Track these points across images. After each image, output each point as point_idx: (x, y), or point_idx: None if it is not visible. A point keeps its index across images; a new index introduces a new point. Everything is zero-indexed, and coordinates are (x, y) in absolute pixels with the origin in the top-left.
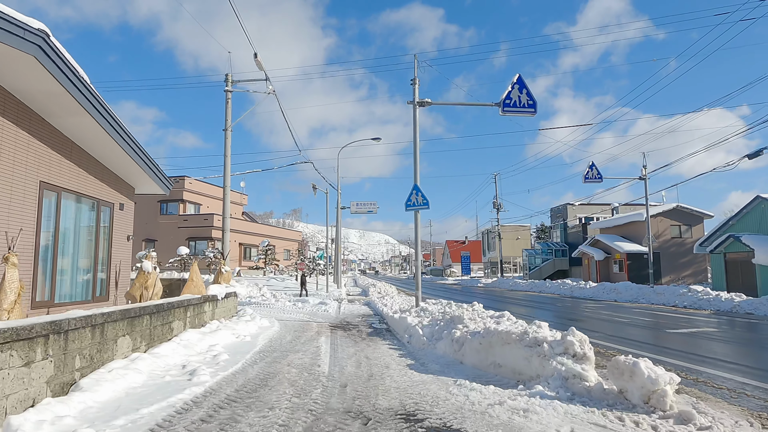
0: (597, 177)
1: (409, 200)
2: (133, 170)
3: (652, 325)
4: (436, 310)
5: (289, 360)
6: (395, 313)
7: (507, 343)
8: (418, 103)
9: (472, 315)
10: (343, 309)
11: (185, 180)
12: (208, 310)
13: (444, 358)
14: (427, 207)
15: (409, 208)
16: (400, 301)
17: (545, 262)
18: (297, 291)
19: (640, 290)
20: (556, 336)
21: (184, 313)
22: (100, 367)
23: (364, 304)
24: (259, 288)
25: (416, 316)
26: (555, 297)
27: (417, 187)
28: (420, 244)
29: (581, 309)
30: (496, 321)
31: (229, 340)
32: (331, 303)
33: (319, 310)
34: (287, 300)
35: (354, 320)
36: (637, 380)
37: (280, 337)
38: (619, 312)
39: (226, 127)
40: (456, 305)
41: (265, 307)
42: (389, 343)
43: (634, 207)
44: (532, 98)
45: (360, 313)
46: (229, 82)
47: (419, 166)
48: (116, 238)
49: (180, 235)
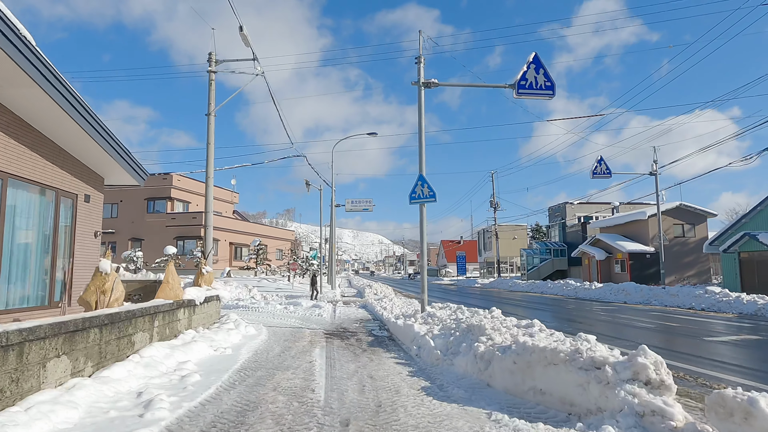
0: (606, 172)
1: (413, 192)
2: (99, 157)
3: (684, 331)
4: (446, 316)
5: (277, 381)
6: (398, 318)
7: (552, 363)
8: (424, 83)
9: (493, 323)
10: (339, 313)
11: (173, 177)
12: (182, 317)
13: (466, 378)
14: (434, 200)
15: (413, 200)
16: (399, 303)
17: (543, 262)
18: (289, 292)
19: (651, 291)
20: (616, 356)
21: (150, 323)
22: (15, 403)
23: (361, 306)
24: (249, 289)
25: (423, 323)
26: (559, 298)
27: (422, 177)
28: (426, 241)
29: (594, 312)
30: (527, 332)
31: (204, 354)
32: (326, 306)
33: (313, 314)
34: (278, 303)
35: (351, 326)
36: (757, 424)
37: (268, 349)
38: (637, 316)
39: (209, 112)
40: (468, 310)
41: (253, 312)
42: (395, 357)
43: (634, 206)
44: (550, 79)
45: (357, 318)
46: (213, 62)
47: (425, 155)
48: (80, 234)
49: (168, 234)
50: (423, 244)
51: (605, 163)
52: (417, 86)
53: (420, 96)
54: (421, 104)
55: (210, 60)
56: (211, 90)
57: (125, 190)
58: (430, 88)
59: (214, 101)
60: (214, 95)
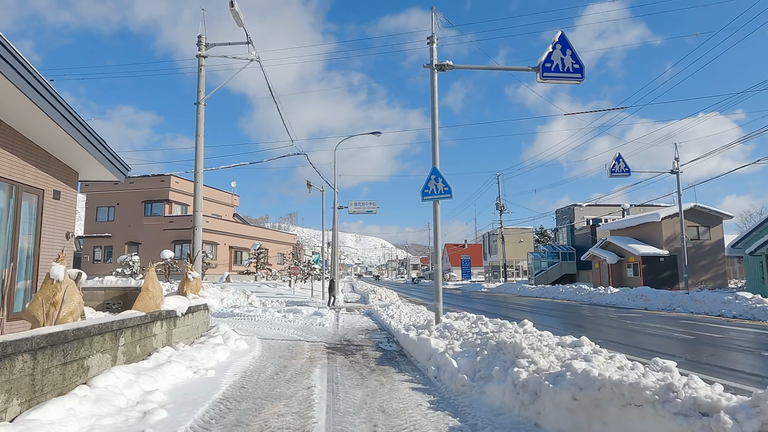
0: (625, 170)
1: (426, 187)
2: (70, 148)
3: (735, 344)
4: (465, 328)
5: (264, 419)
6: (408, 330)
7: (632, 404)
8: (437, 66)
9: (530, 340)
10: (342, 322)
11: (171, 178)
12: (159, 332)
13: (504, 414)
14: (449, 196)
15: (426, 197)
16: (407, 311)
17: (552, 265)
18: (290, 298)
19: (674, 297)
20: (728, 397)
21: (113, 342)
22: None
23: (365, 314)
24: (247, 295)
25: (440, 337)
26: (573, 304)
27: (436, 171)
28: (440, 242)
29: (618, 321)
30: (576, 353)
31: (180, 379)
32: (328, 313)
33: (314, 323)
34: (276, 310)
35: (356, 338)
36: None
37: (259, 369)
38: (668, 324)
39: (198, 101)
40: (492, 322)
41: (248, 321)
42: (410, 379)
43: (644, 208)
44: (578, 60)
45: (362, 327)
46: (203, 46)
47: (438, 147)
48: (47, 235)
49: (165, 237)
50: (437, 245)
51: (624, 161)
52: (429, 69)
53: (433, 80)
54: (434, 89)
55: (199, 43)
56: (200, 76)
57: (122, 192)
58: (444, 71)
59: (203, 89)
60: (204, 82)
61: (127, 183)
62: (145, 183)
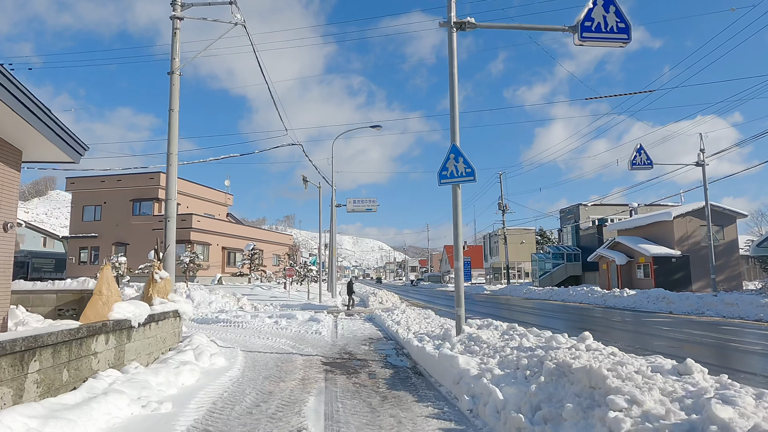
0: (646, 163)
1: (444, 169)
2: (9, 121)
3: None
4: (496, 340)
5: None
6: (422, 340)
7: None
8: (456, 24)
9: (603, 362)
10: (341, 328)
11: (160, 176)
12: (102, 349)
13: None
14: (472, 178)
15: (444, 180)
16: (414, 316)
17: (556, 267)
18: (285, 301)
19: (701, 300)
20: None
21: (18, 369)
22: None
23: (367, 319)
24: (237, 299)
25: (467, 352)
26: (587, 308)
27: (456, 148)
28: (461, 235)
29: (651, 326)
30: (690, 387)
31: (118, 419)
32: (325, 319)
33: (309, 330)
34: (268, 316)
35: (359, 350)
36: None
37: (233, 399)
38: (713, 332)
39: (173, 70)
40: (531, 332)
41: (234, 328)
42: (437, 414)
43: (651, 208)
44: (624, 19)
45: (365, 336)
46: (178, 5)
47: (458, 120)
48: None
49: (154, 238)
50: (458, 239)
51: (646, 153)
52: (447, 28)
53: (451, 41)
54: (452, 51)
55: (174, 2)
56: (175, 41)
57: (109, 191)
58: (464, 31)
59: (178, 56)
60: (179, 48)
61: (114, 181)
62: (133, 181)
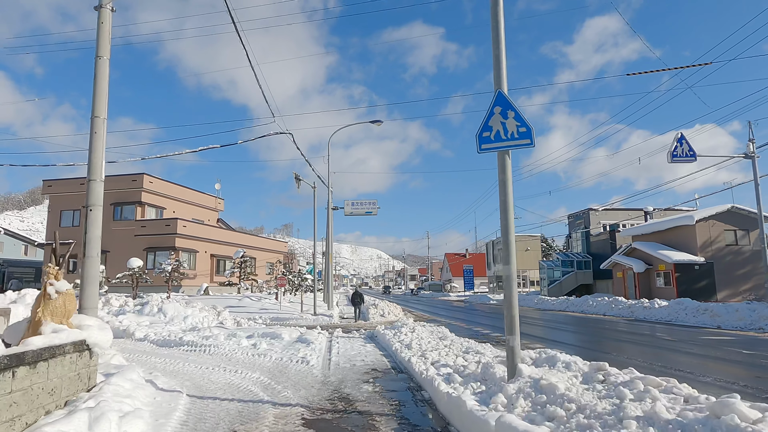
0: (689, 154)
1: (486, 129)
2: None
3: None
4: (580, 391)
5: None
6: (451, 381)
7: None
8: None
9: None
10: (337, 352)
11: (144, 178)
12: None
13: None
14: (528, 142)
15: (487, 146)
16: (426, 336)
17: (566, 275)
18: (276, 314)
19: (753, 312)
20: None
21: None
22: None
23: (368, 338)
24: (218, 313)
25: (543, 418)
26: (615, 321)
27: (503, 98)
28: (512, 225)
29: (722, 349)
30: None
31: None
32: (317, 339)
33: (294, 357)
34: (247, 335)
35: (359, 392)
36: None
37: None
38: None
39: (101, 4)
40: (646, 383)
41: (199, 354)
42: None
43: (666, 213)
44: None
45: (367, 364)
46: None
47: (504, 54)
48: None
49: (137, 244)
50: (508, 230)
51: (688, 143)
52: None
53: None
54: None
55: None
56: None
57: None
58: None
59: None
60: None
61: None
62: (114, 183)
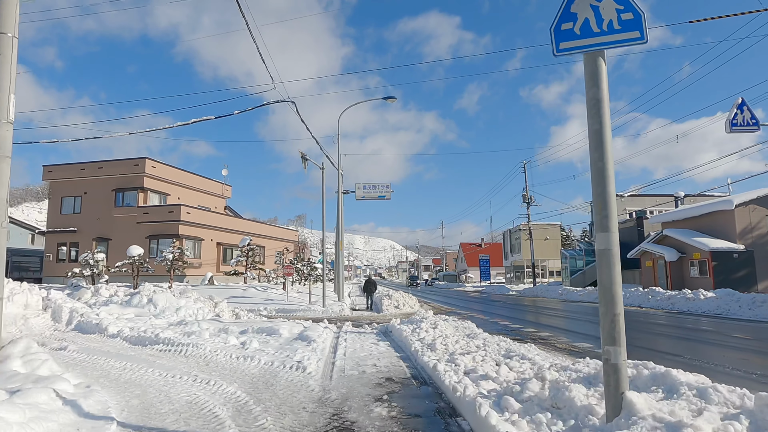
0: (752, 123)
1: (567, 18)
2: None
3: None
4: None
5: None
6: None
7: None
8: None
9: None
10: (342, 354)
11: (146, 162)
12: None
13: None
14: (638, 36)
15: (566, 45)
16: (451, 332)
17: (589, 265)
18: (282, 305)
19: None
20: None
21: None
22: None
23: (380, 333)
24: (215, 304)
25: None
26: (657, 314)
27: None
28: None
29: None
30: None
31: None
32: (321, 336)
33: (289, 361)
34: (240, 331)
35: (369, 419)
36: None
37: None
38: None
39: None
40: None
41: (172, 356)
42: None
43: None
44: None
45: (379, 372)
46: None
47: None
48: None
49: (139, 231)
50: (606, 182)
51: (750, 110)
52: None
53: None
54: None
55: None
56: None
57: (90, 180)
58: None
59: None
60: None
61: (95, 168)
62: (115, 168)
